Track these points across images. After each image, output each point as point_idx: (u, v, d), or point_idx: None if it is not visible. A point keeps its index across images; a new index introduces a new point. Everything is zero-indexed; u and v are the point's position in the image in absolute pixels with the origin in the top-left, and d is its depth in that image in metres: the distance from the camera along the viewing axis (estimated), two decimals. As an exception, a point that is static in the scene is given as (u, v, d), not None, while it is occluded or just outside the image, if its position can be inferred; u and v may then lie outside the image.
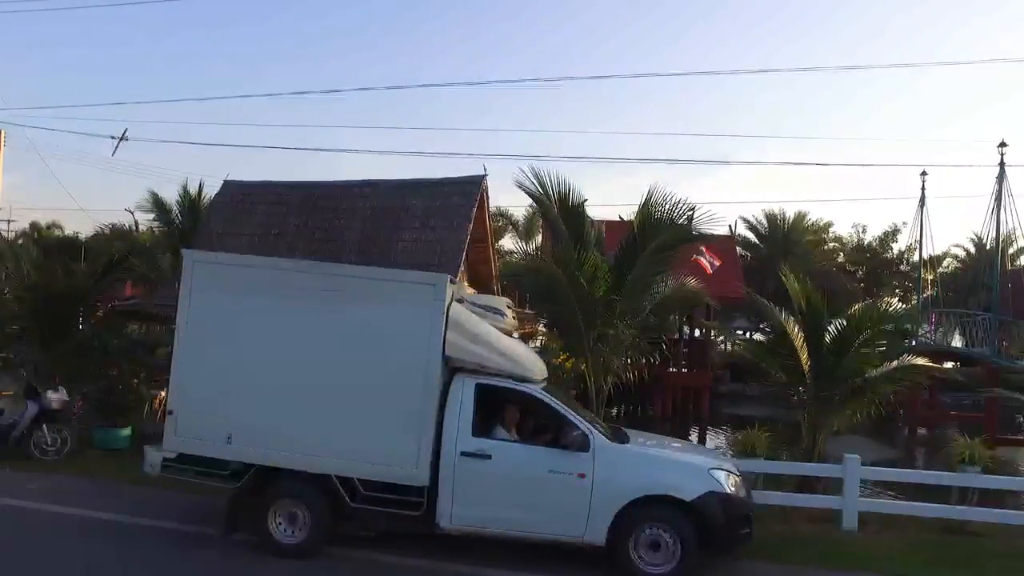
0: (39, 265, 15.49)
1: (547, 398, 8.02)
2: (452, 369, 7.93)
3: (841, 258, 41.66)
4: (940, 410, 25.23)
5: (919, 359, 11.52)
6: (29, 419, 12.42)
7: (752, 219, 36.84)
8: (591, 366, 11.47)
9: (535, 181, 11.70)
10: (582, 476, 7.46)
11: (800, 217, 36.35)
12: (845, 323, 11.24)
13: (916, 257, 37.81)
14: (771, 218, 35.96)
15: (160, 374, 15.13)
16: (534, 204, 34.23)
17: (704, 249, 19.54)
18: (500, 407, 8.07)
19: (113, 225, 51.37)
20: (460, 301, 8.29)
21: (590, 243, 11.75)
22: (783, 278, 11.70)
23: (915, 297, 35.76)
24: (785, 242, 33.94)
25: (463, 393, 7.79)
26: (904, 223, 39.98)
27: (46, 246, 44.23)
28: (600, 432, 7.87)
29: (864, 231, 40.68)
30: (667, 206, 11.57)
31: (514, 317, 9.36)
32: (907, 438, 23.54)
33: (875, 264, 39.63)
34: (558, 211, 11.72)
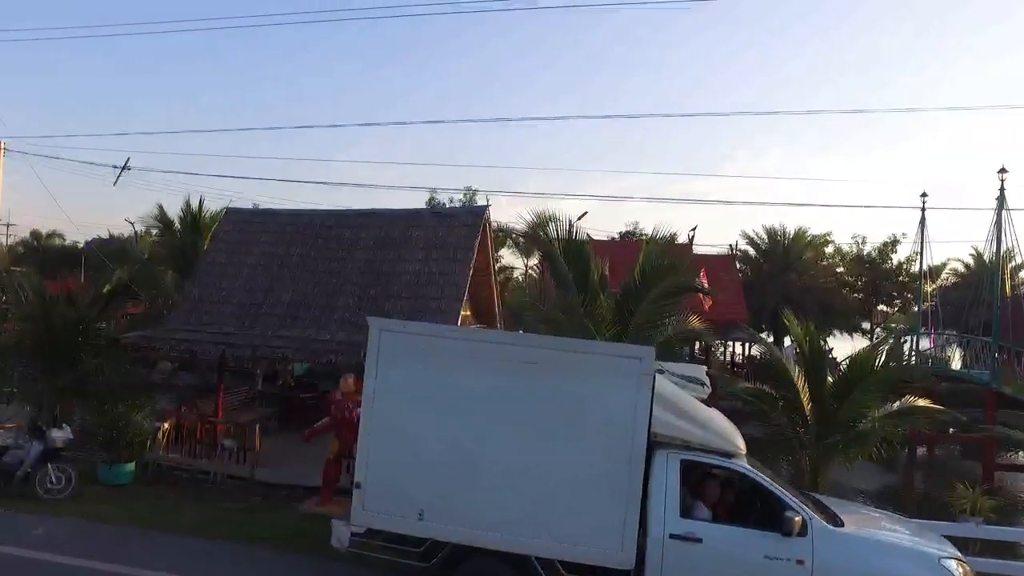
0: (40, 295, 15.52)
1: (758, 476, 7.61)
2: (653, 443, 7.56)
3: (841, 268, 41.74)
4: (939, 430, 25.27)
5: (921, 400, 11.55)
6: (34, 458, 12.48)
7: (752, 234, 37.13)
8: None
9: (539, 220, 11.77)
10: (801, 563, 7.07)
11: (801, 233, 36.49)
12: (847, 367, 11.29)
13: (915, 268, 38.07)
14: (771, 233, 36.13)
15: (167, 405, 15.30)
16: (535, 219, 34.34)
17: (703, 272, 19.56)
18: (698, 482, 7.76)
19: (112, 235, 51.45)
20: (660, 371, 7.97)
21: (594, 283, 11.80)
22: (786, 323, 11.73)
23: (915, 307, 35.92)
24: (786, 257, 34.02)
25: (668, 471, 7.43)
26: (904, 234, 40.22)
27: (47, 257, 44.50)
28: (816, 513, 7.48)
29: (864, 242, 40.89)
30: (669, 236, 11.61)
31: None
32: (906, 458, 23.59)
33: (874, 275, 39.73)
34: (561, 252, 11.76)
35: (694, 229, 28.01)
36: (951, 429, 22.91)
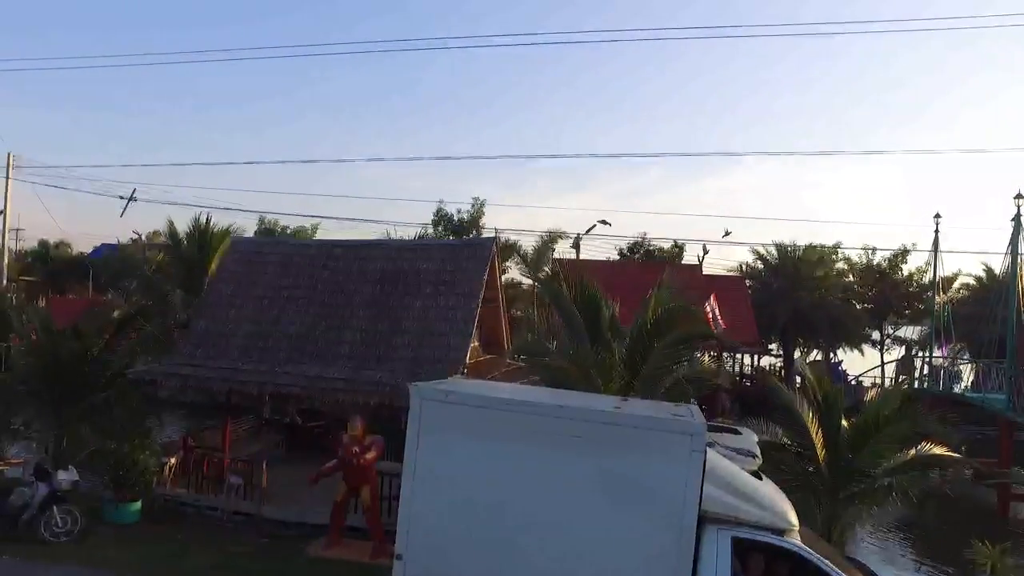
0: (47, 328, 15.43)
1: (812, 556, 7.40)
2: (703, 519, 7.33)
3: (850, 278, 41.45)
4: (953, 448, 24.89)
5: (937, 448, 11.34)
6: (39, 501, 12.41)
7: (763, 250, 36.93)
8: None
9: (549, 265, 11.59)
10: None
11: (811, 248, 36.23)
12: (861, 416, 11.09)
13: (926, 279, 37.73)
14: (781, 249, 35.89)
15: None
16: (546, 236, 33.98)
17: (713, 297, 19.37)
18: (745, 555, 7.54)
19: (120, 242, 51.51)
20: (710, 444, 7.76)
21: (604, 327, 11.64)
22: (802, 373, 11.52)
23: (926, 320, 35.62)
24: (796, 274, 33.75)
25: (719, 549, 7.23)
26: (915, 244, 39.89)
27: (55, 268, 44.56)
28: None
29: (873, 252, 40.58)
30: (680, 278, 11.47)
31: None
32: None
33: (884, 286, 39.44)
34: (572, 298, 11.60)
35: (705, 252, 27.83)
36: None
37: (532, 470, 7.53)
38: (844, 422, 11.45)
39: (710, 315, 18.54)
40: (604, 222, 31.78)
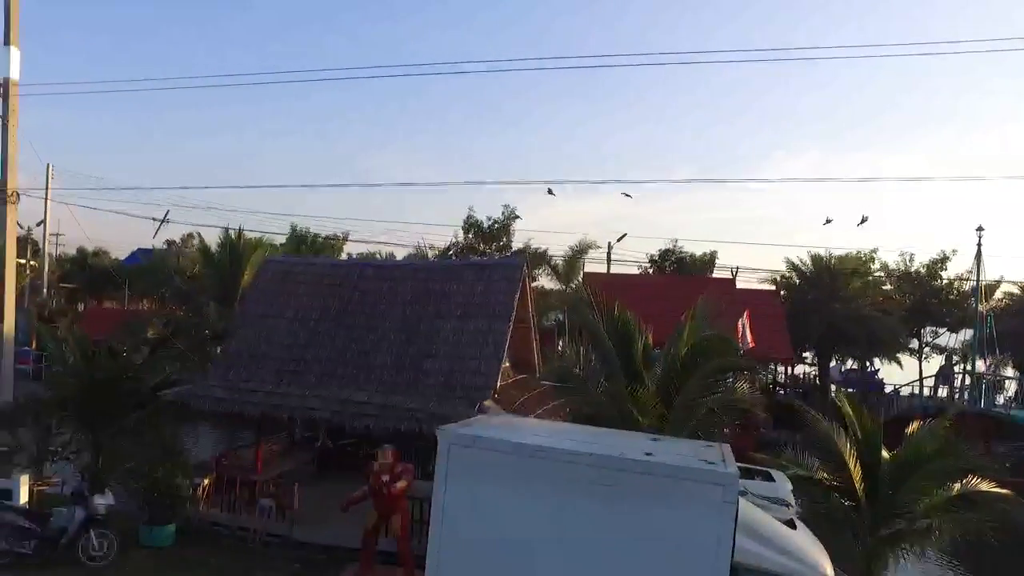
0: (84, 349, 15.64)
1: None
2: (735, 571, 7.22)
3: (887, 285, 40.53)
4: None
5: (984, 484, 10.94)
6: (77, 525, 12.61)
7: (796, 260, 36.29)
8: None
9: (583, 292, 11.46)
10: None
11: (846, 258, 35.50)
12: (903, 451, 10.76)
13: (967, 286, 36.73)
14: (816, 260, 35.22)
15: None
16: (575, 247, 33.71)
17: (746, 314, 19.01)
18: None
19: (154, 247, 52.25)
20: (743, 493, 7.67)
21: (637, 357, 11.46)
22: (837, 403, 11.23)
23: (967, 329, 34.69)
24: (831, 286, 33.05)
25: None
26: (955, 251, 38.87)
27: (92, 275, 45.36)
28: None
29: (911, 259, 39.63)
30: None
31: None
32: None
33: (923, 293, 38.47)
34: (604, 327, 11.44)
35: (737, 269, 27.44)
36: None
37: (561, 517, 7.44)
38: (885, 452, 11.16)
39: (741, 334, 18.19)
40: (550, 192, 32.01)
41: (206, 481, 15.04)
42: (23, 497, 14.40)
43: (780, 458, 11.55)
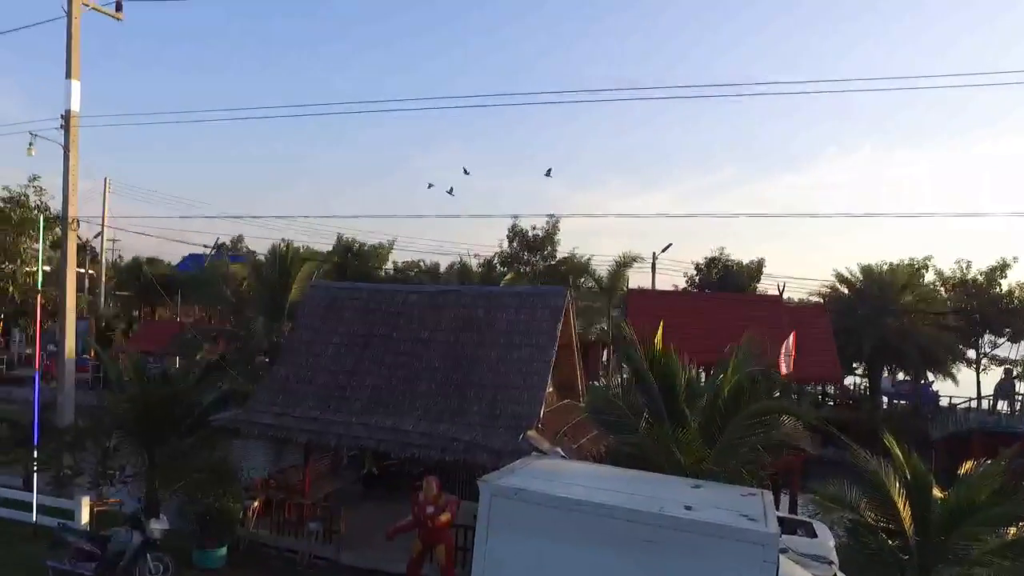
0: (140, 372, 16.20)
1: None
2: None
3: (942, 293, 39.37)
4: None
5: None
6: (134, 549, 13.04)
7: (846, 272, 35.43)
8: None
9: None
10: None
11: (897, 268, 34.53)
12: (954, 494, 10.50)
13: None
14: (866, 271, 34.35)
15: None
16: (619, 260, 33.60)
17: (792, 336, 18.70)
18: None
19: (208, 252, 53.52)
20: (783, 550, 7.81)
21: (680, 395, 11.41)
22: (886, 443, 11.01)
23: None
24: (882, 299, 32.17)
25: None
26: (1015, 258, 37.56)
27: (146, 283, 46.71)
28: None
29: (968, 267, 38.41)
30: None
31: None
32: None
33: (981, 302, 37.25)
34: (648, 366, 11.44)
35: (783, 286, 26.99)
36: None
37: (600, 570, 7.52)
38: (939, 491, 10.91)
39: (785, 357, 17.91)
40: (548, 173, 31.82)
41: (256, 503, 15.41)
42: (84, 517, 14.94)
43: (825, 498, 11.35)
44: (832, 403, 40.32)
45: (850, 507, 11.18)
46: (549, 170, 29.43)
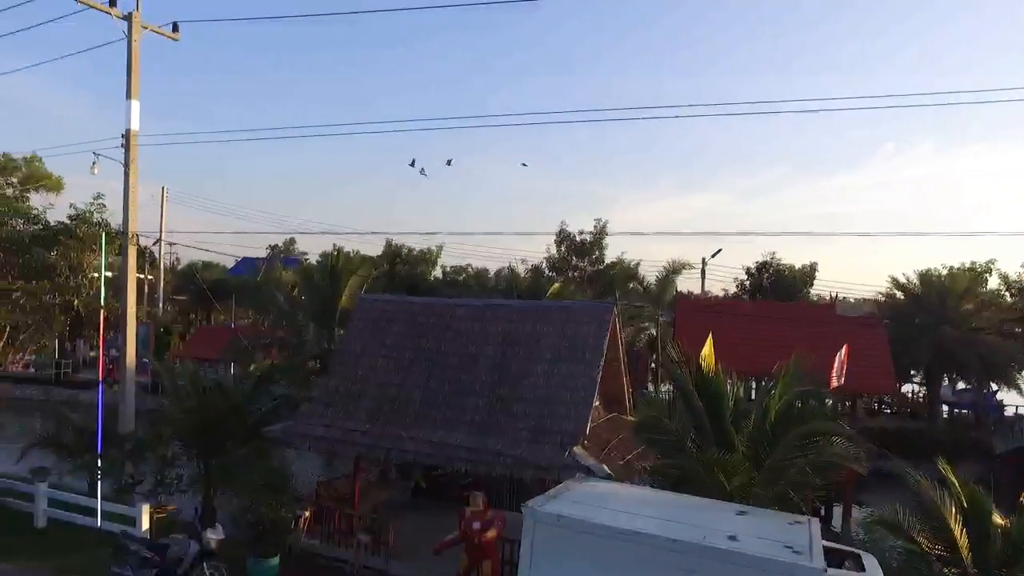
0: (196, 384, 16.72)
1: None
2: None
3: (1008, 299, 38.06)
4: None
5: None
6: (192, 558, 13.44)
7: (903, 278, 34.41)
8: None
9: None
10: None
11: (958, 274, 33.46)
12: (1016, 526, 10.15)
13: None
14: (924, 278, 33.30)
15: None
16: (668, 267, 33.32)
17: (844, 350, 18.28)
18: None
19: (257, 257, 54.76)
20: None
21: (726, 416, 11.30)
22: (941, 469, 10.72)
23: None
24: (941, 307, 31.16)
25: None
26: None
27: (202, 289, 48.03)
28: None
29: (1034, 271, 37.10)
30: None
31: None
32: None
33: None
34: (694, 386, 11.35)
35: (836, 297, 26.36)
36: None
37: None
38: (999, 518, 10.58)
39: (837, 371, 17.50)
40: (524, 164, 31.53)
41: (307, 513, 15.73)
42: (144, 524, 15.46)
43: (877, 524, 11.10)
44: (889, 411, 39.36)
45: (903, 534, 10.92)
46: (523, 163, 29.48)
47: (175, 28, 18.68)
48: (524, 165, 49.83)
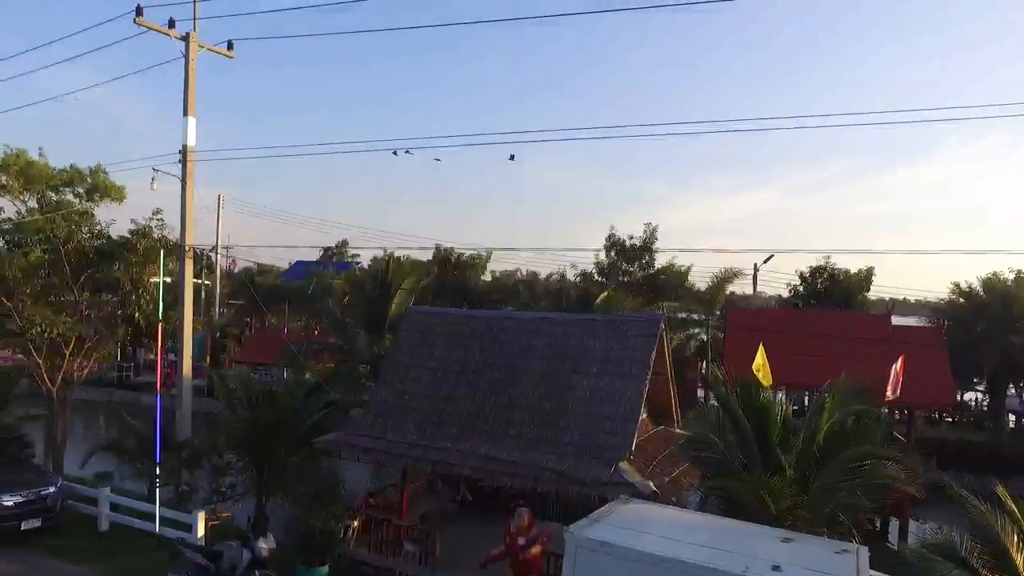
0: (248, 392, 17.17)
1: None
2: None
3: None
4: None
5: None
6: (244, 566, 13.81)
7: (964, 284, 33.23)
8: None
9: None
10: None
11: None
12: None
13: None
14: (988, 284, 32.10)
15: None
16: (720, 274, 32.94)
17: (901, 362, 17.75)
18: None
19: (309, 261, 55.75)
20: None
21: (774, 440, 11.13)
22: (999, 495, 10.34)
23: None
24: (1006, 314, 29.98)
25: None
26: None
27: (256, 294, 49.16)
28: None
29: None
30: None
31: None
32: None
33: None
34: (739, 405, 11.21)
35: (892, 306, 25.65)
36: None
37: None
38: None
39: (892, 384, 16.98)
40: (511, 157, 30.92)
41: (356, 523, 16.00)
42: (200, 531, 15.92)
43: (929, 551, 10.77)
44: (951, 420, 38.08)
45: (960, 560, 10.56)
46: (512, 155, 29.02)
47: (230, 47, 19.18)
48: (511, 158, 46.62)
